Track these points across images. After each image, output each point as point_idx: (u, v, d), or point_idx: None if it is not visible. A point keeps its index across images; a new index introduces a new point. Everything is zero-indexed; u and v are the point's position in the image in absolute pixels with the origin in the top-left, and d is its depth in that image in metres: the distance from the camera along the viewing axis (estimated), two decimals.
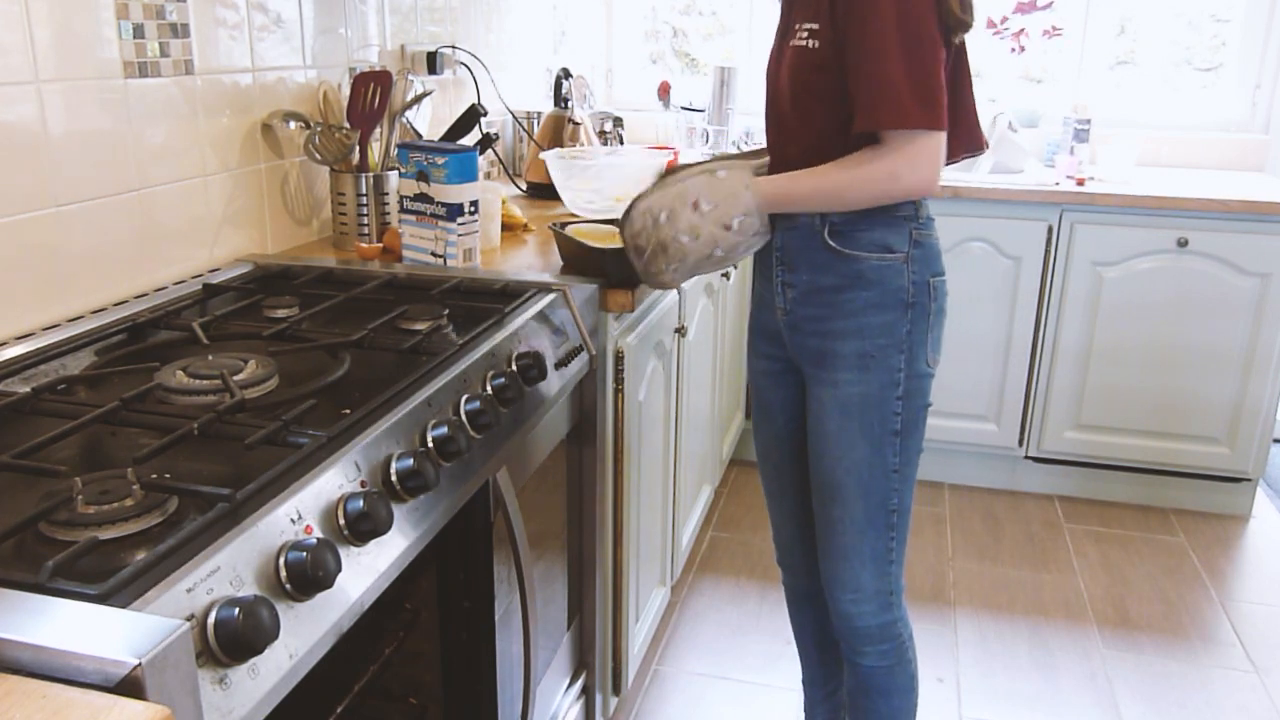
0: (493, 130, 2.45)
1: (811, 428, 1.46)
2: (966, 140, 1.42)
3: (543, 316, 1.45)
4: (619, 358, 1.65)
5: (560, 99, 2.60)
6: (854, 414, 1.40)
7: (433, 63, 2.23)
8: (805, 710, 1.80)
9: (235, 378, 1.11)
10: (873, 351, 1.38)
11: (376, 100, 1.80)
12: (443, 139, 2.04)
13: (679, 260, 1.40)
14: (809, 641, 1.74)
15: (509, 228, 2.00)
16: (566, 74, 2.61)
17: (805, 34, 1.32)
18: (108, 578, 0.71)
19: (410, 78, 1.96)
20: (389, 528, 0.93)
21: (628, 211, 1.41)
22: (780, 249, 1.42)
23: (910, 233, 1.37)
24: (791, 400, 1.54)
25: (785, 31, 1.39)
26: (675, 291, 2.00)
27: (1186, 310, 2.73)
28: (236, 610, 0.73)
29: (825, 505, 1.46)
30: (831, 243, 1.37)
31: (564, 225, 1.74)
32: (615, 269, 1.59)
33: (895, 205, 1.36)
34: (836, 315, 1.39)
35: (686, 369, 2.15)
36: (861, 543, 1.44)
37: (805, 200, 1.36)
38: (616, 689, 1.88)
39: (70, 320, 1.33)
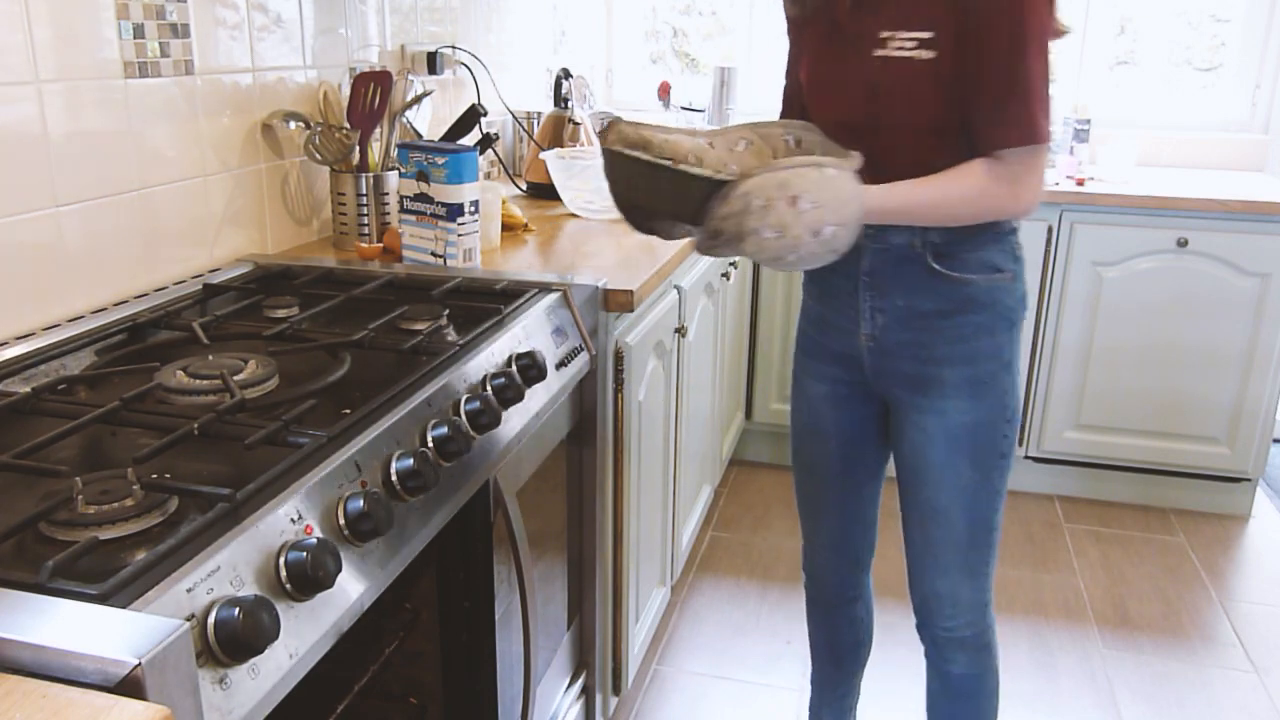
0: (493, 130, 2.45)
1: (907, 455, 1.40)
2: None
3: (543, 316, 1.45)
4: (619, 358, 1.65)
5: (560, 99, 2.60)
6: (964, 442, 1.34)
7: (433, 63, 2.23)
8: (811, 707, 1.79)
9: (235, 378, 1.11)
10: (984, 378, 1.32)
11: (376, 100, 1.80)
12: (443, 139, 2.04)
13: (752, 251, 1.20)
14: (826, 648, 1.72)
15: (509, 228, 2.00)
16: (566, 74, 2.61)
17: (913, 44, 1.22)
18: (108, 578, 0.71)
19: (410, 78, 1.96)
20: (389, 528, 0.93)
21: (727, 191, 1.18)
22: (869, 273, 1.33)
23: (1013, 249, 1.32)
24: (853, 424, 1.48)
25: (857, 39, 1.26)
26: (675, 291, 2.00)
27: (1186, 310, 2.73)
28: (236, 610, 0.73)
29: (925, 527, 1.42)
30: (936, 265, 1.29)
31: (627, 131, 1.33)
32: (694, 202, 1.23)
33: (999, 222, 1.29)
34: (941, 341, 1.32)
35: (686, 369, 2.15)
36: (963, 561, 1.41)
37: (917, 215, 1.26)
38: (616, 689, 1.88)
39: (70, 320, 1.33)
